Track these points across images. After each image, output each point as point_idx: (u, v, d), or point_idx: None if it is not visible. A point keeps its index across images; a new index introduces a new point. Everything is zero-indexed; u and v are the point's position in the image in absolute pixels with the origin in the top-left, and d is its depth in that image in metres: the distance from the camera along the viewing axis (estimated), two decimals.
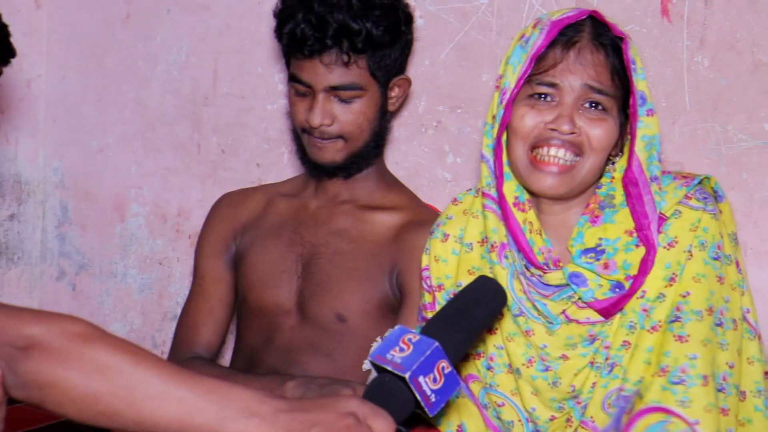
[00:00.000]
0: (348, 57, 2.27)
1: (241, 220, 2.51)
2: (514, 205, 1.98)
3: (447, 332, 1.56)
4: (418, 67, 2.68)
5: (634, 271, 1.92)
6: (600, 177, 1.99)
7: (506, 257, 2.00)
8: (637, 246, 1.93)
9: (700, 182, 1.98)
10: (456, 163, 2.68)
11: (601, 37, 1.93)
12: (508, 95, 1.94)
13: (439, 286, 2.10)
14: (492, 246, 2.02)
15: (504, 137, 1.98)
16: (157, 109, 3.07)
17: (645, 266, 1.92)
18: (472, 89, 2.63)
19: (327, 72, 2.28)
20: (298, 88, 2.33)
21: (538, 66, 1.92)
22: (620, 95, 1.93)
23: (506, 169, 1.99)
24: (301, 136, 2.36)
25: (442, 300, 2.09)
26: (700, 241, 1.93)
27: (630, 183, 1.93)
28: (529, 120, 1.93)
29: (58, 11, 3.21)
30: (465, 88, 2.64)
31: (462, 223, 2.10)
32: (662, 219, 1.93)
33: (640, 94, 1.92)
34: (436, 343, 1.51)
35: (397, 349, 1.52)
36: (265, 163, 2.94)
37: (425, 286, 2.13)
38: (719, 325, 1.93)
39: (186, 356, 2.42)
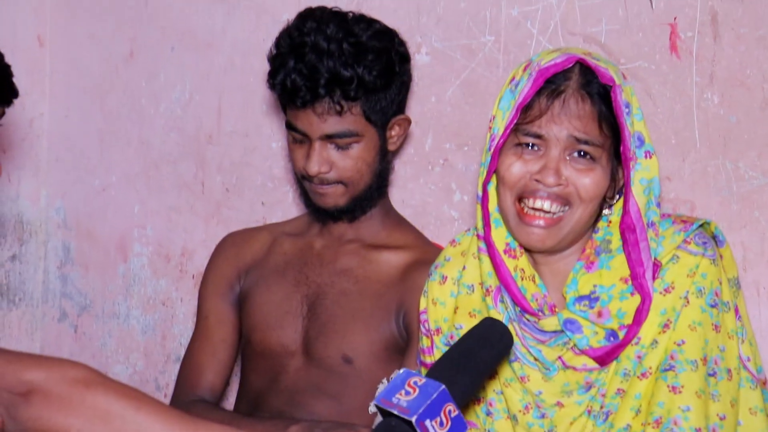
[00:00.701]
0: (341, 106, 2.27)
1: (246, 260, 2.51)
2: (505, 251, 1.98)
3: (453, 375, 1.56)
4: (424, 104, 2.69)
5: (628, 320, 1.91)
6: (595, 222, 1.98)
7: (501, 301, 2.00)
8: (632, 294, 1.92)
9: (699, 226, 1.97)
10: (463, 201, 2.69)
11: (588, 85, 1.91)
12: (495, 142, 1.94)
13: (437, 330, 2.09)
14: (487, 290, 2.01)
15: (495, 183, 1.98)
16: (161, 148, 3.08)
17: (639, 316, 1.91)
18: (479, 126, 2.63)
19: (321, 121, 2.28)
20: (295, 135, 2.34)
21: (525, 115, 1.91)
22: (610, 142, 1.92)
23: (495, 215, 1.98)
24: (302, 182, 2.37)
25: (439, 344, 2.08)
26: (697, 288, 1.91)
27: (627, 229, 1.92)
28: (515, 170, 1.93)
29: (60, 49, 3.23)
30: (472, 126, 2.65)
31: (460, 265, 2.09)
32: (657, 266, 1.92)
33: (637, 135, 1.92)
34: (443, 386, 1.51)
35: (403, 392, 1.52)
36: (270, 202, 2.95)
37: (423, 329, 2.12)
38: (712, 375, 1.91)
39: (189, 399, 2.42)
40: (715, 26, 2.39)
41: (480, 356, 1.61)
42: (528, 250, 1.98)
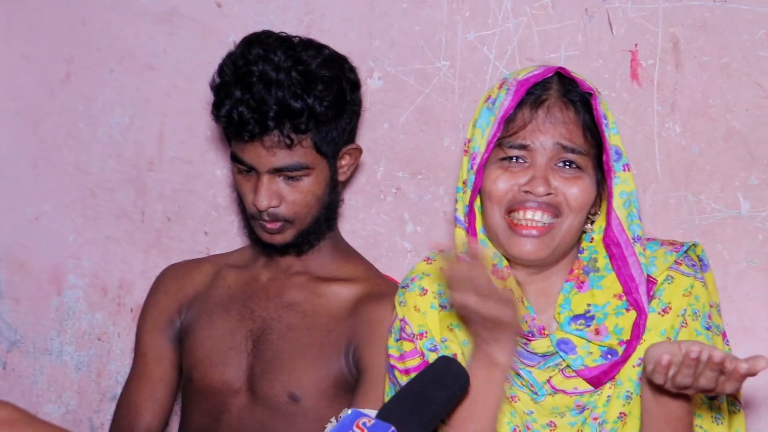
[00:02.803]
0: (291, 139, 2.27)
1: (187, 294, 2.51)
2: (493, 273, 2.01)
3: (405, 416, 1.57)
4: (376, 130, 2.71)
5: (626, 336, 1.97)
6: (579, 239, 2.04)
7: None
8: (627, 310, 1.98)
9: (687, 249, 2.04)
10: (416, 232, 2.70)
11: (569, 93, 1.99)
12: (478, 160, 1.99)
13: (421, 335, 2.09)
14: None
15: (477, 203, 2.02)
16: (99, 175, 3.08)
17: (637, 330, 1.96)
18: (434, 154, 2.66)
19: (270, 155, 2.29)
20: (240, 167, 2.34)
21: (508, 128, 1.98)
22: (594, 152, 1.99)
23: (481, 236, 2.03)
24: (250, 218, 2.37)
25: (424, 349, 2.08)
26: (693, 310, 1.98)
27: (612, 243, 1.99)
28: (501, 183, 1.98)
29: None
30: (426, 153, 2.67)
31: (440, 280, 2.10)
32: (652, 283, 1.99)
33: (615, 149, 1.99)
34: (392, 429, 1.52)
35: None
36: (213, 232, 2.95)
37: (404, 335, 2.11)
38: (713, 398, 1.97)
39: None
40: (677, 54, 2.43)
41: (433, 397, 1.63)
42: (514, 264, 2.02)
